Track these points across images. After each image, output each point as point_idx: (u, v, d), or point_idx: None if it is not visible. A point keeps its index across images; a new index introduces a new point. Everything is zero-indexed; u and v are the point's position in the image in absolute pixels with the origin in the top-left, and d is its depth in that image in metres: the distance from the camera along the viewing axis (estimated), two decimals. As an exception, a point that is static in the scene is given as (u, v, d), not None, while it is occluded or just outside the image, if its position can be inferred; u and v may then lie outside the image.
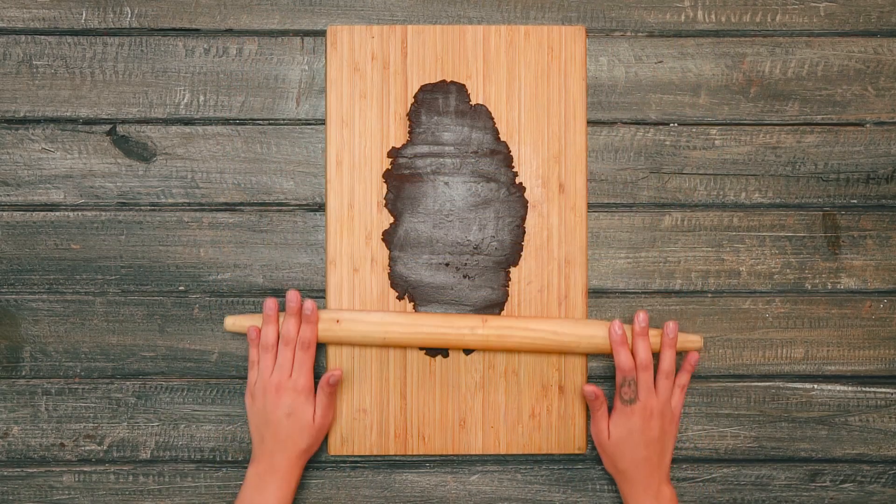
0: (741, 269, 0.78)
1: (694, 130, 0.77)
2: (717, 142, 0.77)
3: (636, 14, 0.77)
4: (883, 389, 0.78)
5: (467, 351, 0.76)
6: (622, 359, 0.72)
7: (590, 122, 0.77)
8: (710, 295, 0.78)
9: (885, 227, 0.78)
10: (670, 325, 0.73)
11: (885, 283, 0.78)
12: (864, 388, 0.78)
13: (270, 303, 0.73)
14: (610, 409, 0.75)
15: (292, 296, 0.73)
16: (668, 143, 0.77)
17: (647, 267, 0.78)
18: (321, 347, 0.77)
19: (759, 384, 0.78)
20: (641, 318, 0.73)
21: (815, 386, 0.78)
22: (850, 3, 0.77)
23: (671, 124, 0.77)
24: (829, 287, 0.78)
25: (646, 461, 0.72)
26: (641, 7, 0.77)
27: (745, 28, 0.77)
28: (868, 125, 0.78)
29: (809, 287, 0.78)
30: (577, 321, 0.75)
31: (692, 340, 0.75)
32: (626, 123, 0.77)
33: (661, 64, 0.77)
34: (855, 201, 0.78)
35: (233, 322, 0.74)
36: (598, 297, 0.78)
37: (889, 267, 0.78)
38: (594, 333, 0.74)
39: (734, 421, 0.78)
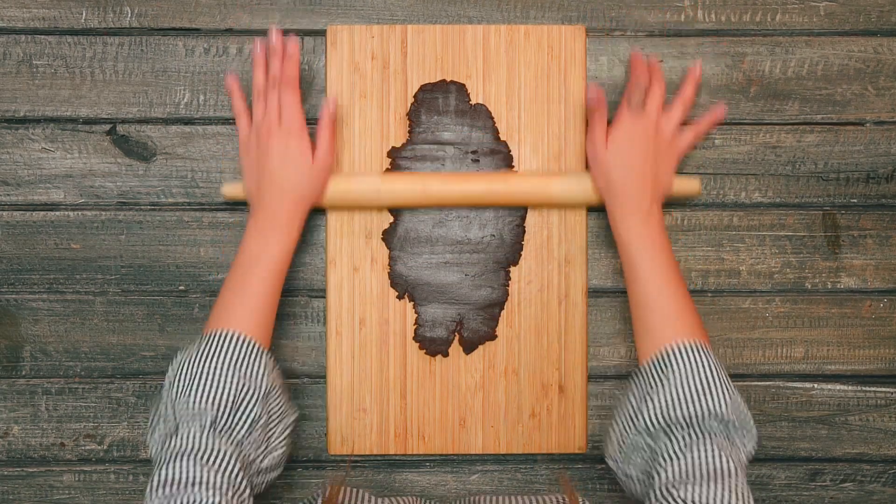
0: (741, 268, 0.78)
1: (694, 130, 0.77)
2: (717, 141, 0.77)
3: (636, 14, 0.77)
4: (883, 389, 0.78)
5: (467, 350, 0.76)
6: (640, 69, 0.70)
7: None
8: (710, 294, 0.78)
9: (885, 227, 0.78)
10: (697, 63, 0.73)
11: (885, 283, 0.78)
12: (864, 388, 0.78)
13: (258, 45, 0.71)
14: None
15: (273, 33, 0.71)
16: (668, 142, 0.77)
17: (647, 266, 0.78)
18: (321, 334, 0.77)
19: (759, 384, 0.78)
20: (656, 62, 0.72)
21: (815, 385, 0.78)
22: (850, 2, 0.77)
23: (671, 124, 0.77)
24: (829, 287, 0.78)
25: (640, 175, 0.68)
26: (641, 7, 0.77)
27: (745, 28, 0.77)
28: (868, 125, 0.78)
29: (809, 287, 0.78)
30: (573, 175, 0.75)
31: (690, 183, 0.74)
32: (626, 123, 0.77)
33: (661, 64, 0.77)
34: (855, 201, 0.78)
35: (231, 188, 0.74)
36: (598, 297, 0.78)
37: (889, 266, 0.78)
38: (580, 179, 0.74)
39: (734, 420, 0.78)
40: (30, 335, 0.77)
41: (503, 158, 0.76)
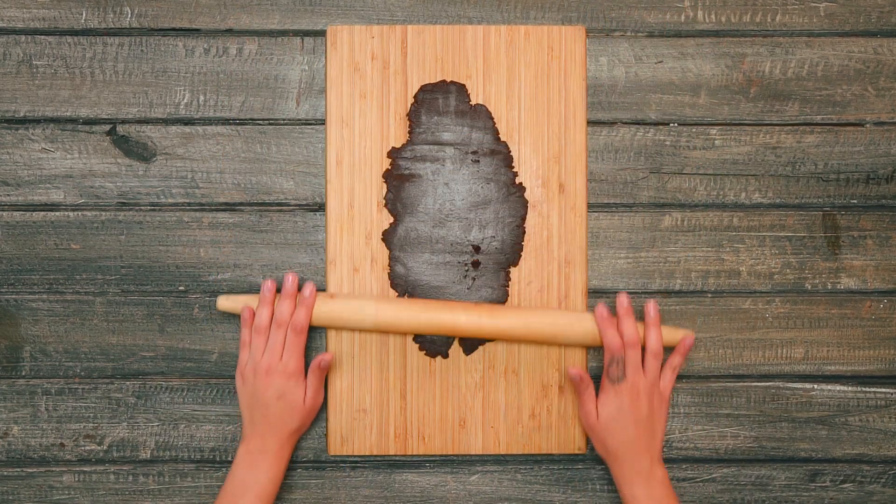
0: (741, 269, 0.78)
1: (694, 130, 0.77)
2: (717, 142, 0.77)
3: (636, 14, 0.77)
4: (883, 389, 0.78)
5: (467, 351, 0.76)
6: (609, 338, 0.72)
7: (590, 122, 0.77)
8: (710, 295, 0.78)
9: (885, 227, 0.78)
10: (650, 306, 0.73)
11: (885, 283, 0.78)
12: (864, 388, 0.78)
13: (268, 284, 0.74)
14: (597, 394, 0.74)
15: (290, 277, 0.74)
16: (668, 143, 0.77)
17: (647, 267, 0.78)
18: (320, 335, 0.77)
19: (759, 384, 0.78)
20: (623, 300, 0.73)
21: (815, 386, 0.78)
22: (850, 3, 0.77)
23: (671, 124, 0.77)
24: (829, 287, 0.78)
25: (635, 441, 0.72)
26: (641, 7, 0.77)
27: (745, 28, 0.77)
28: (868, 125, 0.78)
29: (809, 287, 0.78)
30: (572, 311, 0.75)
31: (683, 334, 0.75)
32: (626, 123, 0.77)
33: (661, 64, 0.77)
34: (855, 201, 0.78)
35: (225, 301, 0.74)
36: (598, 297, 0.78)
37: (889, 267, 0.78)
38: (587, 318, 0.74)
39: (734, 421, 0.78)
40: (30, 335, 0.77)
41: (503, 159, 0.76)
